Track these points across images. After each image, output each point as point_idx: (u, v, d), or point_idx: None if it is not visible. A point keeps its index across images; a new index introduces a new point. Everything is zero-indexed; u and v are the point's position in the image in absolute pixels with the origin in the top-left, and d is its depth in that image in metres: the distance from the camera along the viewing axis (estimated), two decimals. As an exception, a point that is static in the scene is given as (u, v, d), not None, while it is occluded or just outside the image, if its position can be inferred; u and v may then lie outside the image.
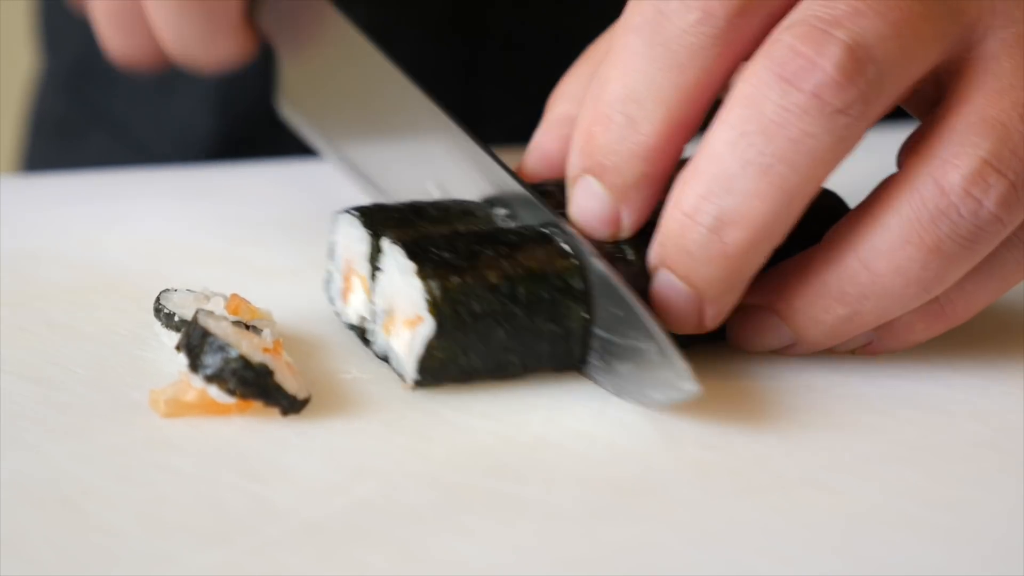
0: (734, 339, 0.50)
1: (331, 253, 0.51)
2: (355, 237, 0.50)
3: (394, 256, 0.47)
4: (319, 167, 0.72)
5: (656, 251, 0.47)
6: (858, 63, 0.45)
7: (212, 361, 0.44)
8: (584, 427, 0.45)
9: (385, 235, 0.48)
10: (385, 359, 0.48)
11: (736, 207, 0.45)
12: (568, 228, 0.48)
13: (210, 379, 0.44)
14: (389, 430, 0.44)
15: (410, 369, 0.46)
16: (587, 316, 0.47)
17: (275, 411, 0.44)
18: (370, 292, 0.49)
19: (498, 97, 0.84)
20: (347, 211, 0.50)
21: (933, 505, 0.42)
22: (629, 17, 0.47)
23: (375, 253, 0.48)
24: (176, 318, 0.48)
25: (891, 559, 0.39)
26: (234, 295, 0.49)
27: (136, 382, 0.47)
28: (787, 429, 0.46)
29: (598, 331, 0.47)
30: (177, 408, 0.44)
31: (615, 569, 0.38)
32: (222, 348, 0.44)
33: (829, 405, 0.47)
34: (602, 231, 0.48)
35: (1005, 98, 0.46)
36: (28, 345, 0.49)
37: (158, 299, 0.49)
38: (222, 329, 0.44)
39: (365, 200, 0.53)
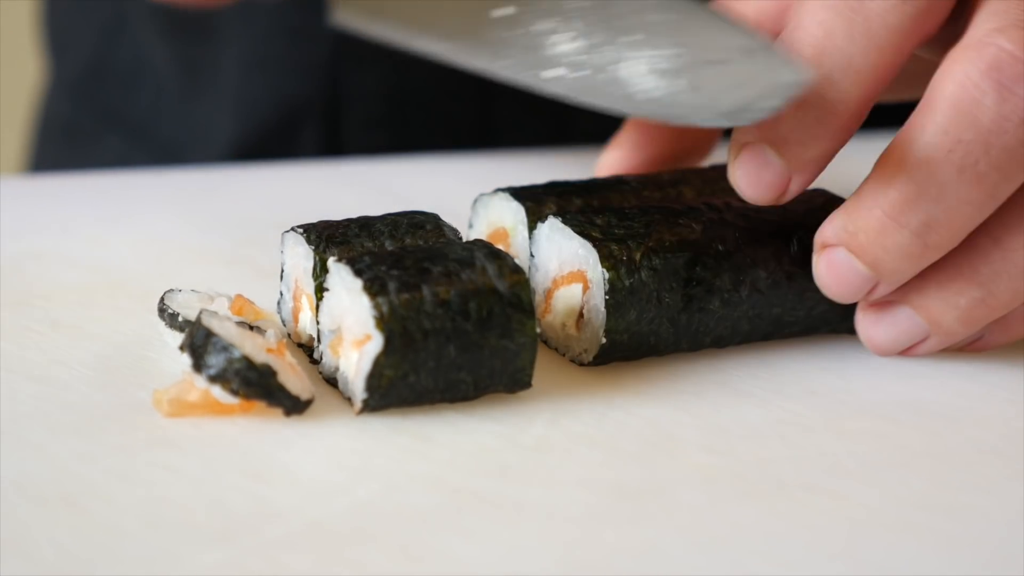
0: (868, 341, 0.50)
1: (281, 273, 0.50)
2: (301, 255, 0.49)
3: (340, 274, 0.45)
4: (324, 169, 0.72)
5: (842, 236, 0.47)
6: None
7: (215, 361, 0.44)
8: (586, 430, 0.45)
9: (331, 253, 0.47)
10: (332, 382, 0.47)
11: (945, 213, 0.46)
12: None
13: (213, 379, 0.44)
14: (391, 431, 0.44)
15: (358, 389, 0.45)
16: (540, 330, 0.47)
17: (278, 412, 0.44)
18: (316, 311, 0.48)
19: (513, 110, 0.84)
20: (292, 229, 0.49)
21: (936, 511, 0.42)
22: None
23: (321, 271, 0.48)
24: (180, 318, 0.48)
25: (893, 564, 0.39)
26: (238, 296, 0.49)
27: (140, 382, 0.47)
28: (790, 434, 0.46)
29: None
30: (180, 408, 0.44)
31: (616, 572, 0.38)
32: (225, 349, 0.44)
33: (832, 410, 0.47)
34: (767, 197, 0.48)
35: None
36: (33, 344, 0.49)
37: (162, 299, 0.49)
38: (226, 330, 0.44)
39: (368, 203, 0.53)
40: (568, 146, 0.73)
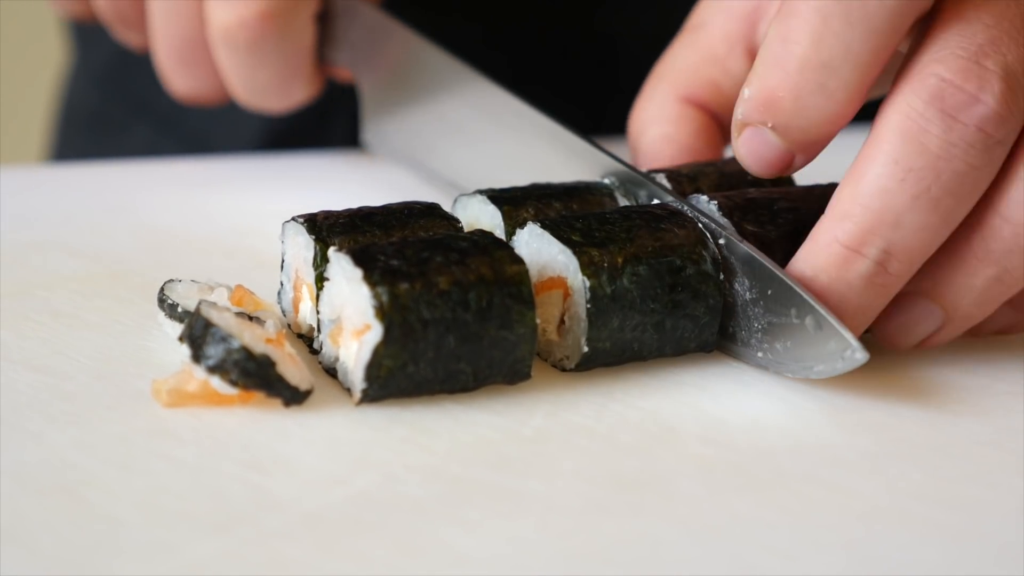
0: (885, 336, 0.50)
1: (282, 263, 0.50)
2: (301, 244, 0.49)
3: (340, 264, 0.45)
4: (327, 160, 0.72)
5: (803, 277, 0.47)
6: (1013, 93, 0.46)
7: (214, 352, 0.44)
8: (585, 422, 0.45)
9: (331, 242, 0.47)
10: (332, 372, 0.47)
11: (904, 240, 0.46)
12: (701, 209, 0.49)
13: (212, 370, 0.44)
14: (391, 422, 0.44)
15: (357, 379, 0.45)
16: (539, 321, 0.46)
17: (277, 402, 0.44)
18: (316, 301, 0.47)
19: (543, 99, 0.84)
20: (293, 219, 0.49)
21: (935, 502, 0.42)
22: None
23: (321, 261, 0.47)
24: (179, 309, 0.48)
25: (893, 556, 0.39)
26: (238, 286, 0.49)
27: (139, 372, 0.47)
28: (789, 426, 0.46)
29: (752, 310, 0.47)
30: (179, 398, 0.44)
31: (615, 562, 0.38)
32: (224, 339, 0.44)
33: (832, 403, 0.47)
34: (772, 172, 0.49)
35: None
36: (33, 334, 0.49)
37: (162, 289, 0.49)
38: (224, 320, 0.44)
39: (370, 194, 0.53)
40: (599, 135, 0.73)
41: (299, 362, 0.45)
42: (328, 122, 0.69)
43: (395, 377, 0.44)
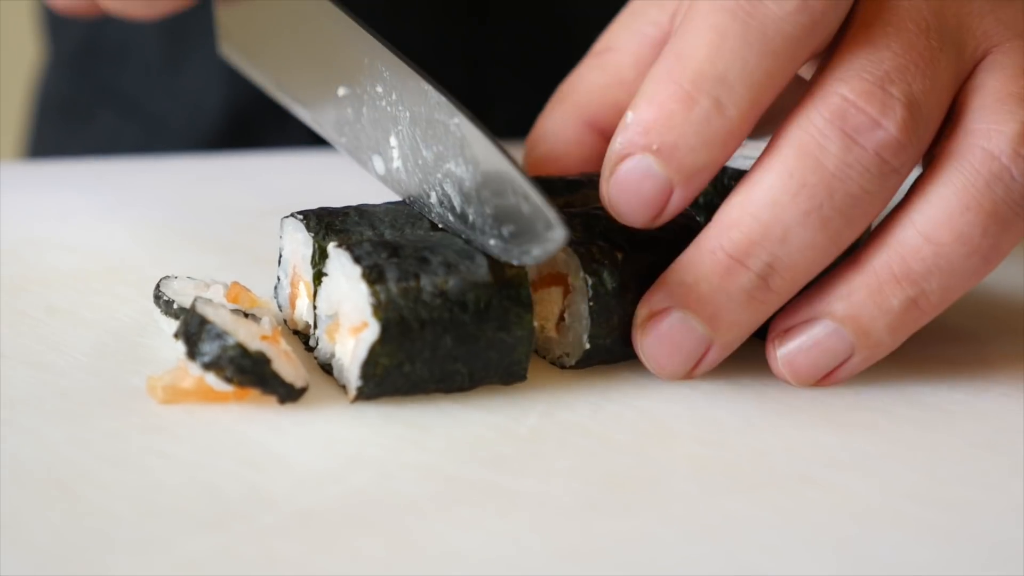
0: (789, 371, 0.48)
1: (279, 258, 0.50)
2: (300, 241, 0.49)
3: (339, 260, 0.45)
4: (323, 157, 0.72)
5: (676, 293, 0.46)
6: (915, 122, 0.45)
7: (209, 349, 0.44)
8: (580, 421, 0.45)
9: (330, 239, 0.47)
10: (328, 369, 0.47)
11: (789, 256, 0.45)
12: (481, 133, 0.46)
13: (207, 367, 0.44)
14: (386, 420, 0.44)
15: (353, 377, 0.45)
16: (537, 323, 0.46)
17: (272, 399, 0.44)
18: (313, 297, 0.48)
19: (504, 82, 0.84)
20: (292, 215, 0.49)
21: (930, 503, 0.42)
22: None
23: (320, 258, 0.48)
24: (175, 305, 0.48)
25: (887, 557, 0.39)
26: (234, 283, 0.49)
27: (135, 368, 0.47)
28: (784, 426, 0.46)
29: (486, 195, 0.46)
30: (174, 395, 0.44)
31: (609, 561, 0.38)
32: (219, 336, 0.44)
33: (827, 402, 0.47)
34: (644, 215, 0.46)
35: (1021, 79, 0.47)
36: (28, 330, 0.49)
37: (158, 286, 0.49)
38: (220, 317, 0.44)
39: (368, 191, 0.53)
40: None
41: (294, 359, 0.45)
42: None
43: (391, 376, 0.44)
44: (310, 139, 0.65)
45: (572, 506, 0.41)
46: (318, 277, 0.47)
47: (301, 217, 0.49)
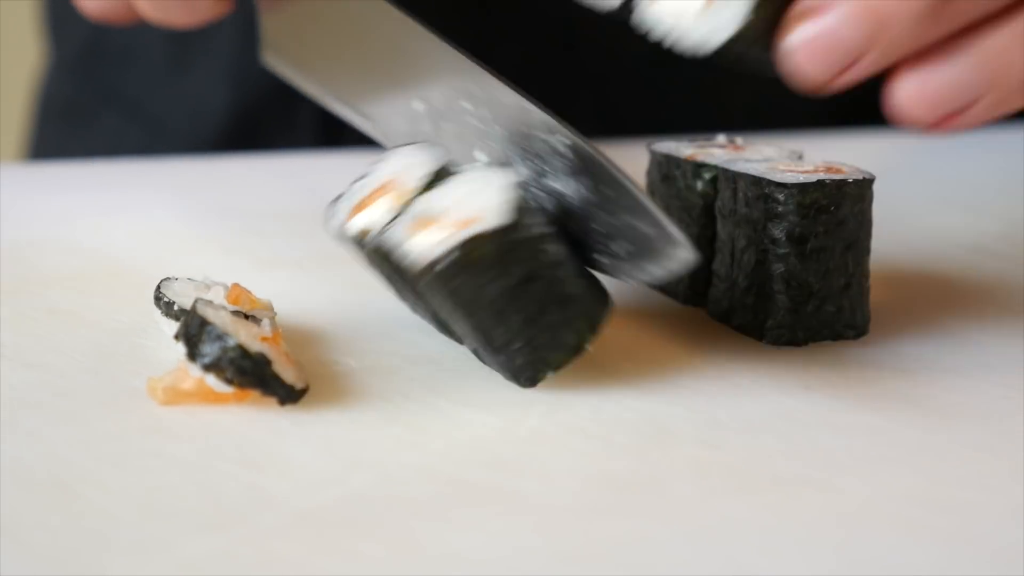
0: (905, 97, 0.44)
1: (361, 177, 0.48)
2: (416, 163, 0.47)
3: (488, 170, 0.45)
4: (326, 159, 0.72)
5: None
6: None
7: (210, 350, 0.44)
8: (580, 422, 0.45)
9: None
10: (382, 254, 0.45)
11: None
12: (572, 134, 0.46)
13: (208, 368, 0.44)
14: (386, 421, 0.45)
15: (436, 250, 0.43)
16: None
17: (272, 400, 0.44)
18: (409, 201, 0.46)
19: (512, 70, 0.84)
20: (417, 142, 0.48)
21: (930, 506, 0.42)
22: None
23: (443, 174, 0.46)
24: (176, 307, 0.48)
25: (887, 560, 0.39)
26: (235, 285, 0.49)
27: (135, 370, 0.47)
28: (783, 428, 0.46)
29: (595, 211, 0.46)
30: (175, 396, 0.44)
31: (609, 562, 0.38)
32: (220, 337, 0.44)
33: (827, 404, 0.47)
34: (833, 77, 0.43)
35: None
36: (29, 331, 0.49)
37: (159, 287, 0.49)
38: (220, 318, 0.44)
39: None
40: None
41: (295, 361, 0.45)
42: (292, 104, 0.68)
43: (469, 272, 0.44)
44: (313, 142, 0.66)
45: (572, 507, 0.41)
46: (431, 184, 0.46)
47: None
